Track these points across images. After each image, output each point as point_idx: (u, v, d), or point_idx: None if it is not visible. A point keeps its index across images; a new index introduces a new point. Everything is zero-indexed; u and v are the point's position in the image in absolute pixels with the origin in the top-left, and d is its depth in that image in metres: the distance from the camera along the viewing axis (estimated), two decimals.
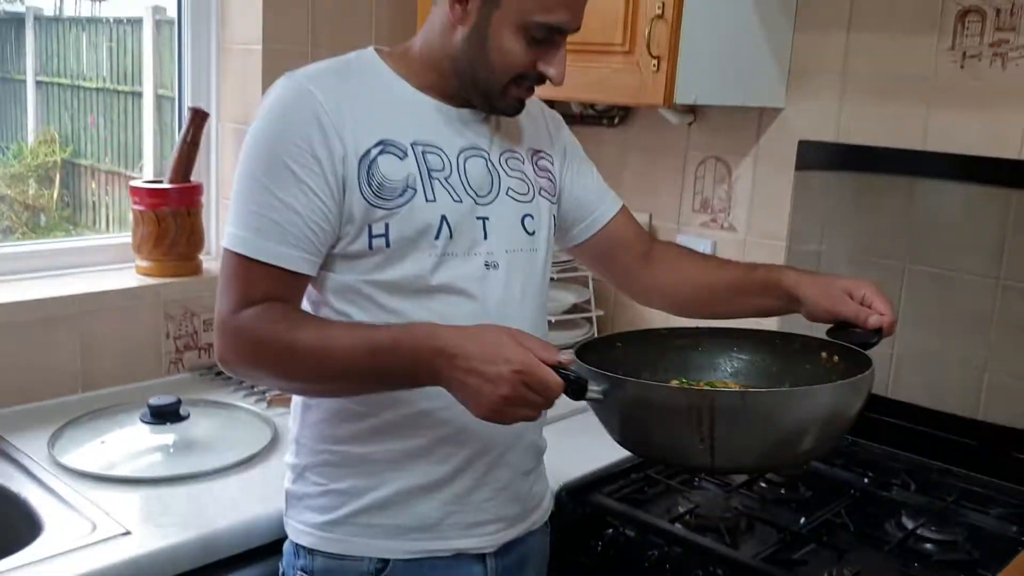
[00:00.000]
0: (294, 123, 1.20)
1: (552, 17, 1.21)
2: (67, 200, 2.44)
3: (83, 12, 2.38)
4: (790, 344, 1.37)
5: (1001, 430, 1.72)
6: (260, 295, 1.20)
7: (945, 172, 1.75)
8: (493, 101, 1.28)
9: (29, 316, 1.82)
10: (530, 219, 1.35)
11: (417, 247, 1.24)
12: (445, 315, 1.22)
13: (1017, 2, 1.66)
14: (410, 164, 1.24)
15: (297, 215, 1.19)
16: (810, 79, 1.93)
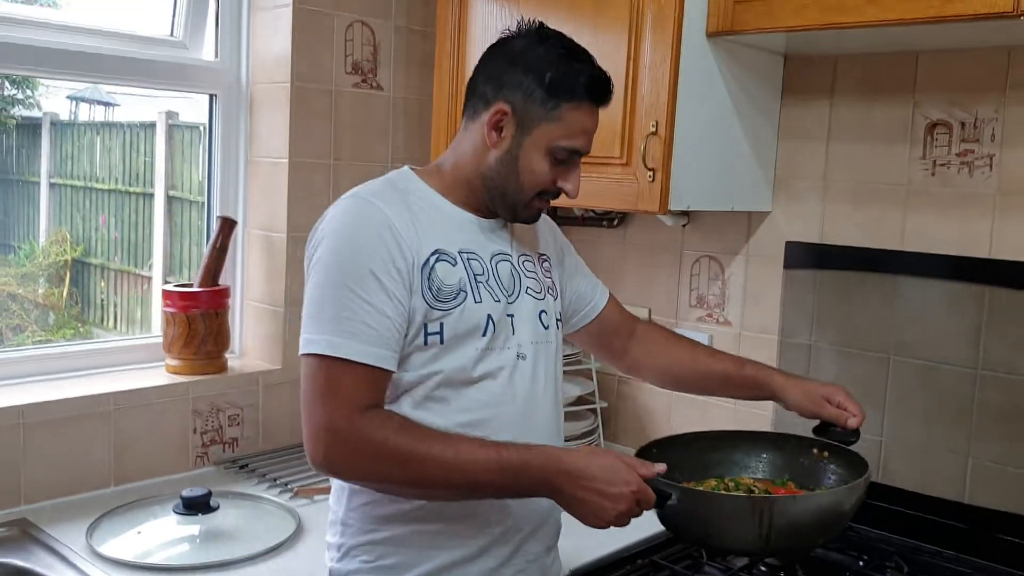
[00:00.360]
0: (373, 236, 1.32)
1: (575, 143, 1.41)
2: (76, 298, 2.49)
3: (97, 117, 2.50)
4: (787, 443, 1.66)
5: (987, 512, 1.81)
6: (365, 399, 1.29)
7: (923, 270, 1.88)
8: (518, 212, 1.44)
9: (65, 413, 1.93)
10: (544, 314, 1.50)
11: (466, 343, 1.37)
12: (482, 400, 1.38)
13: (979, 116, 1.82)
14: (460, 270, 1.39)
15: (387, 318, 1.31)
16: (794, 185, 2.08)
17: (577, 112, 1.39)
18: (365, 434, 1.27)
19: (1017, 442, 1.78)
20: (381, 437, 1.27)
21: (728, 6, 1.78)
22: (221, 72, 2.28)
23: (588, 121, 1.42)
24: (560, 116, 1.39)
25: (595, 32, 1.88)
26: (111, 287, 2.52)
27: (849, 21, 1.63)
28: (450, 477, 1.27)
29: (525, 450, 1.29)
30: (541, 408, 1.46)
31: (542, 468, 1.27)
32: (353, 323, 1.29)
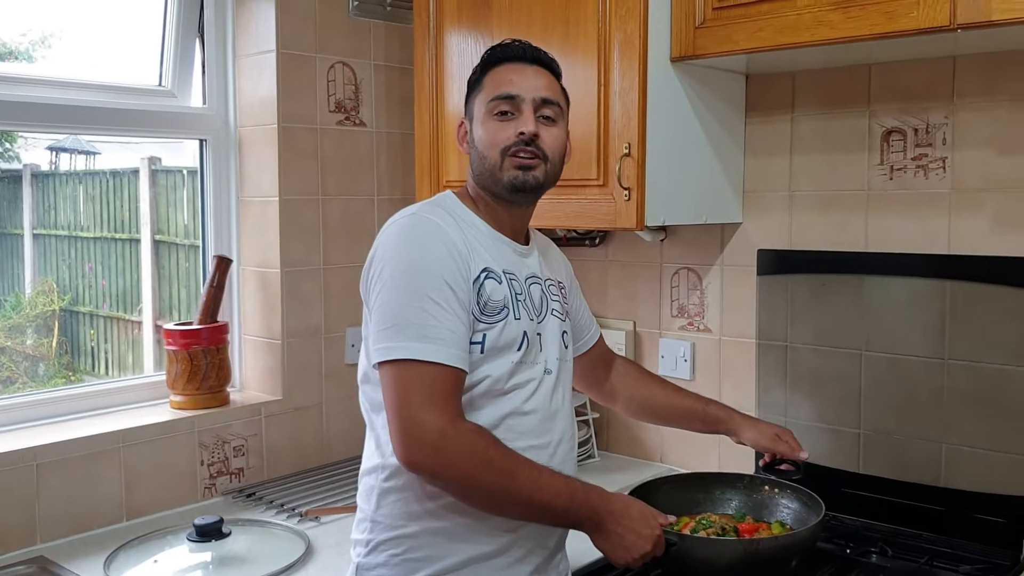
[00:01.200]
0: (440, 250, 1.41)
1: (500, 89, 1.50)
2: (66, 347, 2.51)
3: (78, 166, 2.53)
4: (741, 481, 1.90)
5: (962, 494, 1.91)
6: (458, 401, 1.38)
7: (887, 269, 1.99)
8: (503, 182, 1.50)
9: (76, 453, 2.00)
10: (566, 335, 1.62)
11: (503, 355, 1.46)
12: (510, 408, 1.47)
13: (931, 122, 1.94)
14: (505, 288, 1.48)
15: (463, 325, 1.40)
16: (762, 196, 2.19)
17: (497, 71, 1.51)
18: (470, 440, 1.35)
19: (986, 425, 1.88)
20: (484, 445, 1.36)
21: (689, 32, 1.90)
22: (210, 118, 2.38)
23: (511, 74, 1.51)
24: (483, 83, 1.52)
25: (566, 61, 1.96)
26: (101, 334, 2.54)
27: (801, 41, 1.75)
28: (532, 495, 1.37)
29: (586, 485, 1.43)
30: (559, 420, 1.56)
31: (596, 506, 1.42)
32: (440, 330, 1.36)
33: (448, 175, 2.25)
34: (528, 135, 1.48)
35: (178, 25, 2.32)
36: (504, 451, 1.38)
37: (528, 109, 1.50)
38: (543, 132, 1.51)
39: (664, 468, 2.38)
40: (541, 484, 1.38)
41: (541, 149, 1.50)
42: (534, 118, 1.50)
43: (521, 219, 1.58)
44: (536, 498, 1.38)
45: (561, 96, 1.57)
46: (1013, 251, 1.85)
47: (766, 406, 2.19)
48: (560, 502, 1.39)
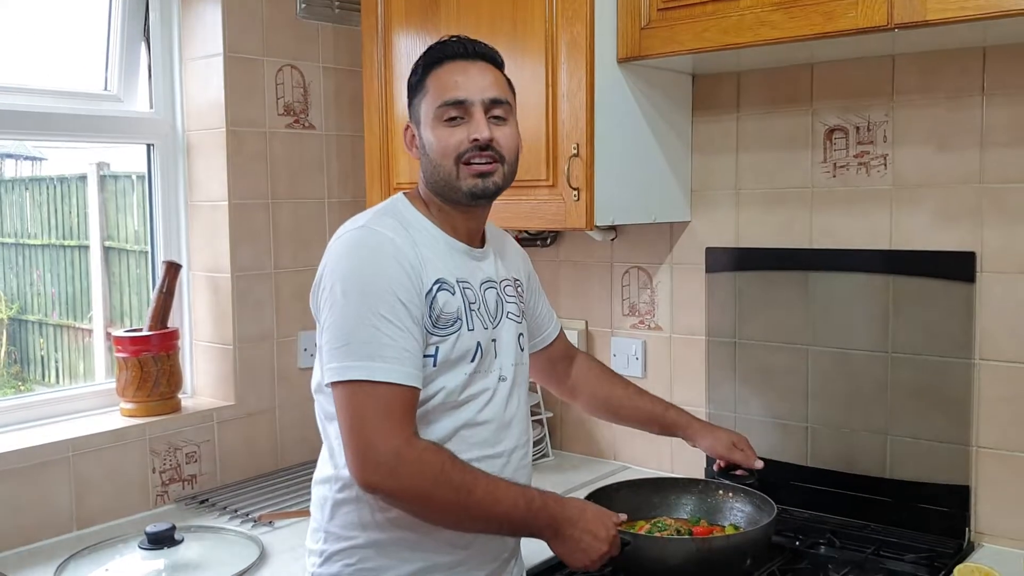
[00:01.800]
0: (392, 266, 1.38)
1: (447, 94, 1.46)
2: (15, 357, 2.48)
3: (24, 172, 2.51)
4: (695, 486, 1.94)
5: (908, 485, 1.95)
6: (411, 419, 1.36)
7: (832, 265, 2.03)
8: (461, 190, 1.47)
9: (24, 463, 1.97)
10: (522, 337, 1.60)
11: (456, 367, 1.44)
12: (463, 418, 1.46)
13: (872, 120, 1.98)
14: (458, 299, 1.46)
15: (416, 341, 1.38)
16: (709, 195, 2.22)
17: (439, 72, 1.47)
18: (426, 459, 1.34)
19: (928, 417, 1.92)
20: (439, 463, 1.35)
21: (635, 33, 1.92)
22: (157, 122, 2.36)
23: (455, 74, 1.47)
24: (427, 86, 1.48)
25: (514, 63, 1.99)
26: (51, 343, 2.51)
27: (744, 41, 1.77)
28: (490, 509, 1.38)
29: (542, 493, 1.43)
30: (514, 428, 1.55)
31: (553, 513, 1.42)
32: (393, 348, 1.35)
33: (399, 177, 2.26)
34: (483, 141, 1.46)
35: (123, 29, 2.30)
36: (460, 467, 1.37)
37: (479, 112, 1.46)
38: (496, 133, 1.48)
39: (617, 465, 2.40)
40: (498, 497, 1.38)
41: (497, 151, 1.48)
42: (486, 121, 1.47)
43: (477, 221, 1.56)
44: (494, 512, 1.38)
45: (508, 90, 1.53)
46: (952, 245, 1.89)
47: (716, 402, 2.22)
48: (518, 513, 1.40)
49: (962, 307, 1.88)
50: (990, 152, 1.84)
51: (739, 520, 1.86)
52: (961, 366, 1.89)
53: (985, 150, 1.85)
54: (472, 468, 1.39)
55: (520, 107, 1.97)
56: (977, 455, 1.89)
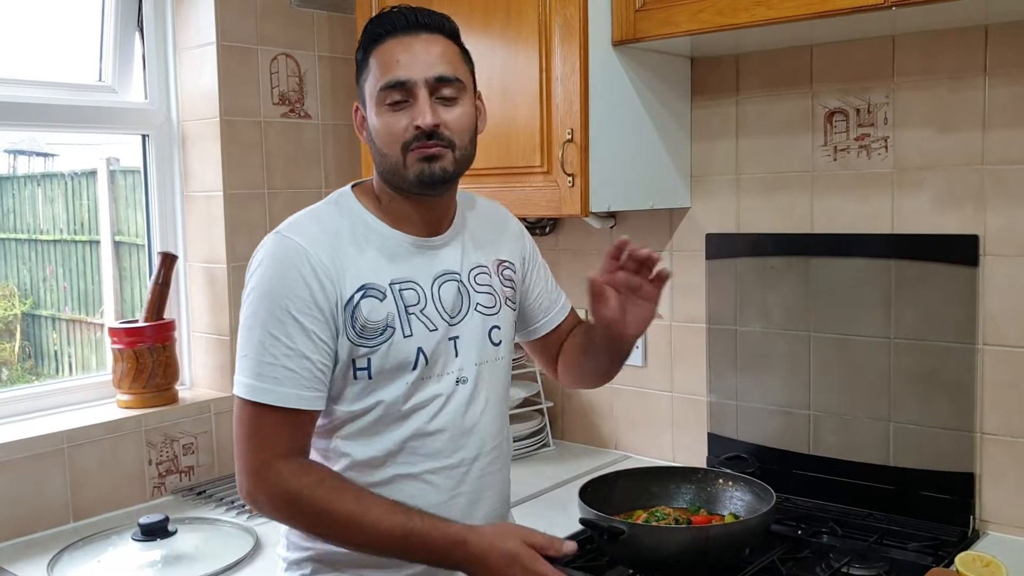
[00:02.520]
0: (293, 277, 1.30)
1: (389, 75, 1.33)
2: (29, 352, 2.49)
3: (36, 169, 2.50)
4: (696, 475, 1.91)
5: (911, 472, 1.92)
6: (287, 443, 1.31)
7: (832, 250, 1.99)
8: (409, 178, 1.35)
9: (20, 454, 1.96)
10: (496, 330, 1.48)
11: (395, 377, 1.36)
12: (412, 429, 1.37)
13: (872, 102, 1.95)
14: (389, 304, 1.35)
15: (308, 360, 1.30)
16: (709, 180, 2.19)
17: (381, 50, 1.35)
18: (281, 483, 1.29)
19: (931, 404, 1.89)
20: (296, 489, 1.29)
21: (629, 16, 1.89)
22: (151, 112, 2.34)
23: (397, 51, 1.34)
24: (370, 66, 1.36)
25: (508, 47, 1.97)
26: (64, 337, 2.51)
27: (740, 22, 1.74)
28: (356, 539, 1.30)
29: (432, 525, 1.29)
30: (476, 435, 1.45)
31: (444, 549, 1.29)
32: (274, 367, 1.30)
33: None
34: (427, 127, 1.33)
35: (117, 19, 2.28)
36: (326, 492, 1.29)
37: (422, 94, 1.34)
38: (444, 116, 1.35)
39: (618, 455, 2.38)
40: (364, 525, 1.28)
41: (444, 137, 1.35)
42: (430, 104, 1.34)
43: (435, 210, 1.44)
44: (362, 541, 1.30)
45: (460, 65, 1.39)
46: (954, 228, 1.86)
47: (717, 391, 2.19)
48: (395, 543, 1.29)
49: (965, 291, 1.84)
50: (992, 133, 1.81)
51: (739, 509, 1.83)
52: (965, 351, 1.85)
53: (987, 131, 1.81)
54: (344, 493, 1.30)
55: (514, 93, 1.97)
56: (981, 441, 1.86)
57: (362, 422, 1.37)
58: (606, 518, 1.66)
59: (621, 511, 1.81)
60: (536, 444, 2.40)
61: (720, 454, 2.16)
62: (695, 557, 1.64)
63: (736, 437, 2.16)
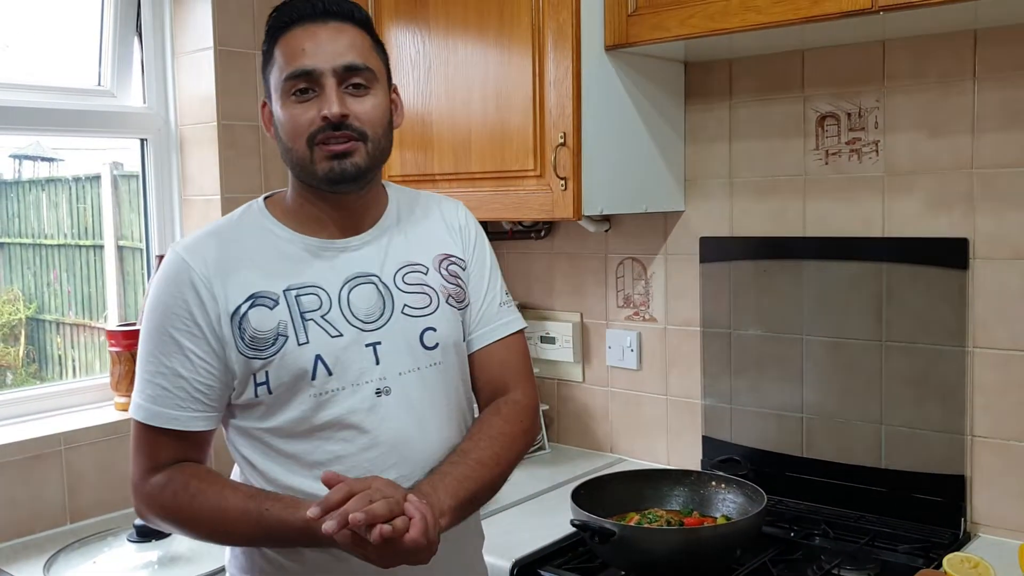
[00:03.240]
0: (172, 294, 1.29)
1: (293, 65, 1.28)
2: (33, 356, 2.49)
3: (41, 173, 2.52)
4: (688, 477, 1.94)
5: (903, 475, 1.93)
6: (165, 458, 1.30)
7: (825, 253, 2.00)
8: (318, 175, 1.30)
9: (17, 456, 1.98)
10: (431, 332, 1.36)
11: (298, 390, 1.29)
12: (334, 451, 1.30)
13: (863, 106, 1.96)
14: (280, 312, 1.29)
15: (182, 379, 1.28)
16: (703, 184, 2.20)
17: (286, 39, 1.30)
18: (150, 495, 1.31)
19: (923, 407, 1.90)
20: (162, 498, 1.30)
21: (621, 20, 1.90)
22: (150, 117, 2.36)
23: (302, 40, 1.28)
24: (275, 57, 1.31)
25: (501, 52, 1.99)
26: (67, 341, 2.53)
27: (731, 27, 1.76)
28: (231, 538, 1.32)
29: (280, 518, 1.24)
30: (421, 444, 1.34)
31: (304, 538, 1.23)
32: (152, 385, 1.29)
33: (390, 170, 2.25)
34: (334, 118, 1.27)
35: (116, 24, 2.31)
36: (183, 500, 1.28)
37: (330, 84, 1.28)
38: (354, 106, 1.29)
39: (613, 458, 2.39)
40: (228, 526, 1.27)
41: (355, 128, 1.29)
42: (338, 93, 1.28)
43: (351, 208, 1.36)
44: (231, 535, 1.29)
45: (371, 54, 1.33)
46: (945, 232, 1.87)
47: (711, 394, 2.20)
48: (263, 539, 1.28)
49: (955, 294, 1.85)
50: (982, 137, 1.82)
51: (731, 511, 1.85)
52: (955, 354, 1.86)
53: (977, 135, 1.82)
54: (206, 492, 1.28)
55: (508, 97, 1.98)
56: (972, 444, 1.86)
57: (268, 442, 1.32)
58: (597, 520, 1.67)
59: (614, 513, 1.83)
60: (532, 447, 2.41)
61: (714, 457, 2.17)
62: (686, 559, 1.65)
63: (730, 440, 2.17)
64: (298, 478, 1.31)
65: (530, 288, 2.54)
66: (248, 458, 1.35)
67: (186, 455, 1.33)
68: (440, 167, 2.13)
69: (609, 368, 2.40)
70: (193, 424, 1.30)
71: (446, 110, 2.11)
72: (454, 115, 2.09)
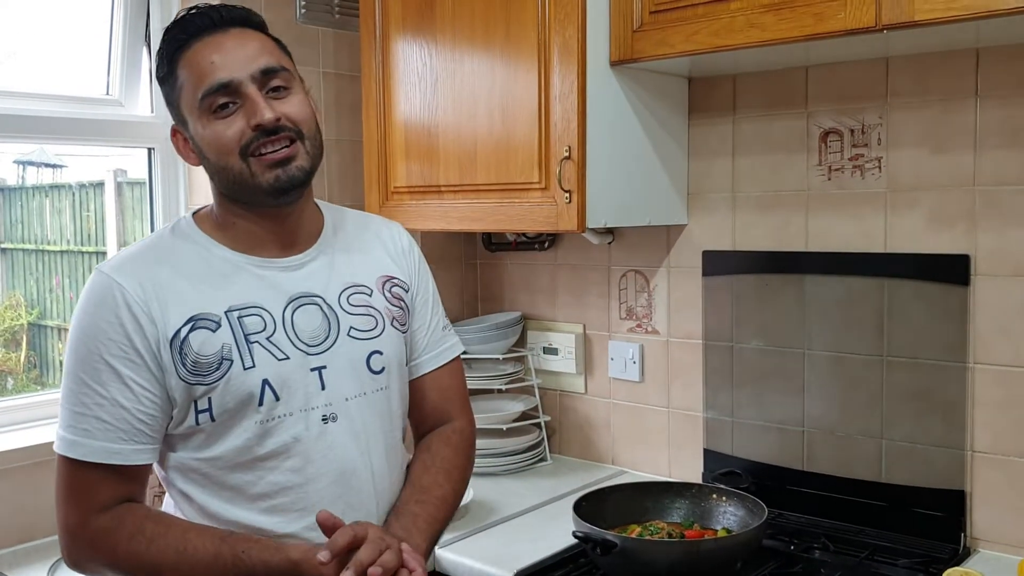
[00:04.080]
0: (107, 319, 1.20)
1: (209, 79, 1.21)
2: (34, 362, 2.48)
3: (45, 180, 2.51)
4: (690, 490, 1.95)
5: (903, 489, 1.93)
6: (106, 497, 1.21)
7: (827, 268, 2.02)
8: (261, 188, 1.24)
9: (21, 462, 1.98)
10: (378, 356, 1.33)
11: (242, 416, 1.22)
12: (280, 482, 1.23)
13: (866, 123, 1.97)
14: (224, 334, 1.22)
15: (123, 409, 1.19)
16: (706, 198, 2.22)
17: (189, 57, 1.24)
18: (94, 540, 1.21)
19: (923, 421, 1.91)
20: (111, 544, 1.20)
21: (627, 36, 1.92)
22: (157, 126, 2.37)
23: (209, 53, 1.22)
24: (179, 77, 1.24)
25: (508, 66, 2.01)
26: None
27: (735, 43, 1.77)
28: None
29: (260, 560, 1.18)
30: (366, 474, 1.31)
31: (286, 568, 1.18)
32: (86, 419, 1.19)
33: (396, 182, 2.27)
34: (269, 124, 1.21)
35: (125, 35, 2.32)
36: (148, 540, 1.20)
37: (252, 91, 1.22)
38: (283, 108, 1.24)
39: (615, 470, 2.39)
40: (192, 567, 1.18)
41: (290, 129, 1.24)
42: (263, 98, 1.22)
43: (287, 225, 1.31)
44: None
45: (281, 54, 1.29)
46: (946, 248, 1.88)
47: (713, 407, 2.21)
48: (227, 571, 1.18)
49: (956, 310, 1.86)
50: (983, 154, 1.83)
51: (731, 524, 1.86)
52: (956, 370, 1.87)
53: (979, 152, 1.84)
54: (166, 535, 1.20)
55: (513, 110, 2.00)
56: (972, 459, 1.87)
57: (216, 475, 1.25)
58: (599, 531, 1.68)
59: (616, 525, 1.83)
60: (533, 458, 2.42)
61: (716, 470, 2.18)
62: (687, 571, 1.66)
63: (732, 453, 2.18)
64: (241, 511, 1.26)
65: (533, 299, 2.56)
66: (185, 492, 1.28)
67: (128, 493, 1.24)
68: (446, 179, 2.15)
69: (611, 380, 2.41)
70: (136, 458, 1.22)
71: (452, 123, 2.12)
72: (460, 128, 2.11)
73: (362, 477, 1.30)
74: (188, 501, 1.28)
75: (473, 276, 2.72)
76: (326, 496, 1.27)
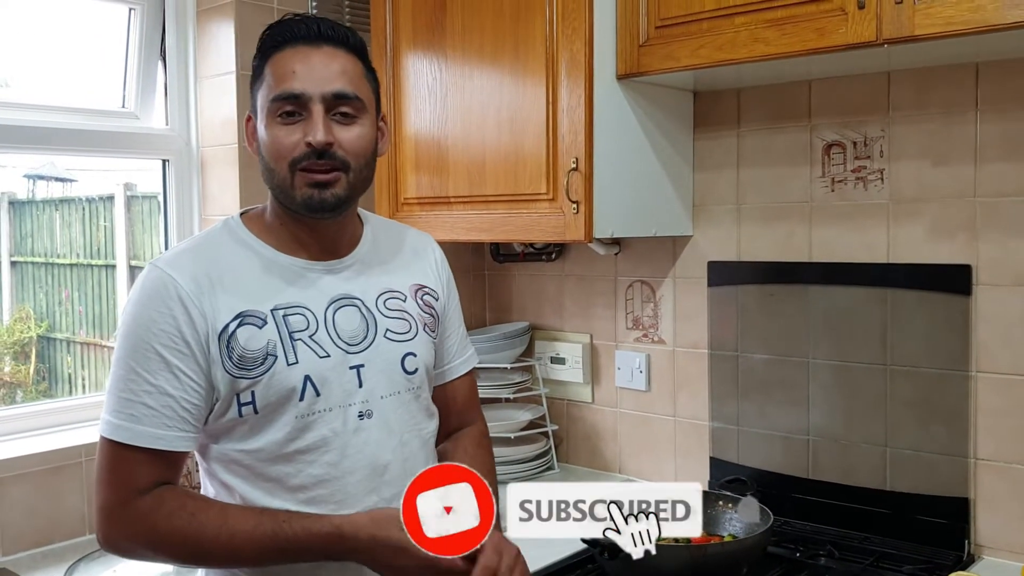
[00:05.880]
0: (158, 310, 1.24)
1: (282, 87, 1.26)
2: (43, 374, 2.51)
3: (55, 193, 2.54)
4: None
5: (907, 497, 1.95)
6: (146, 480, 1.25)
7: (830, 278, 2.04)
8: (296, 200, 1.29)
9: (38, 467, 2.02)
10: (412, 358, 1.38)
11: (283, 411, 1.27)
12: (316, 475, 1.28)
13: (868, 135, 2.01)
14: (269, 331, 1.27)
15: (170, 397, 1.23)
16: (711, 210, 2.25)
17: (278, 59, 1.29)
18: (137, 519, 1.24)
19: (927, 430, 1.93)
20: (151, 523, 1.24)
21: (633, 50, 1.96)
22: (172, 138, 2.42)
23: (294, 62, 1.27)
24: (265, 75, 1.30)
25: (516, 80, 2.04)
26: (78, 360, 2.55)
27: (739, 57, 1.81)
28: (232, 560, 1.25)
29: (303, 528, 1.23)
30: (399, 470, 1.35)
31: (323, 548, 1.23)
32: (134, 404, 1.24)
33: (406, 192, 2.30)
34: (319, 145, 1.26)
35: (141, 49, 2.37)
36: (190, 516, 1.23)
37: (317, 109, 1.27)
38: (339, 135, 1.28)
39: (622, 478, 2.42)
40: (235, 543, 1.22)
41: (338, 157, 1.28)
42: (324, 120, 1.27)
43: (331, 231, 1.36)
44: (239, 560, 1.25)
45: (362, 83, 1.32)
46: (948, 258, 1.91)
47: (719, 416, 2.24)
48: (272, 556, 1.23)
49: (959, 320, 1.89)
50: (984, 166, 1.86)
51: (737, 530, 1.88)
52: (958, 378, 1.89)
53: (979, 164, 1.87)
54: (205, 514, 1.24)
55: (522, 123, 2.04)
56: (976, 467, 1.89)
57: (258, 466, 1.29)
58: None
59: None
60: (541, 466, 2.45)
61: (722, 478, 2.20)
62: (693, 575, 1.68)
63: (737, 461, 2.20)
64: (280, 502, 1.29)
65: (541, 309, 2.59)
66: (227, 483, 1.32)
67: (166, 478, 1.28)
68: (455, 190, 2.19)
69: (618, 389, 2.44)
70: (178, 444, 1.26)
71: (461, 135, 2.16)
72: (469, 140, 2.15)
73: (395, 473, 1.35)
74: (229, 492, 1.32)
75: (481, 286, 2.75)
76: (361, 490, 1.32)
